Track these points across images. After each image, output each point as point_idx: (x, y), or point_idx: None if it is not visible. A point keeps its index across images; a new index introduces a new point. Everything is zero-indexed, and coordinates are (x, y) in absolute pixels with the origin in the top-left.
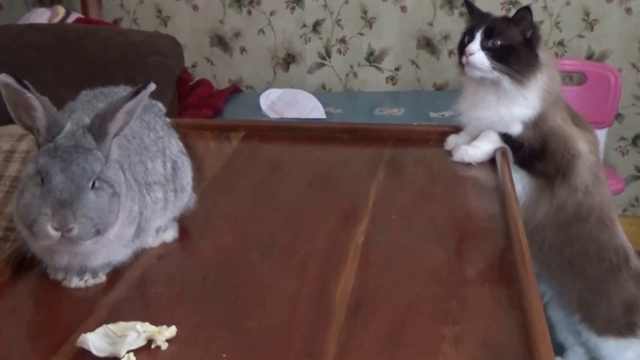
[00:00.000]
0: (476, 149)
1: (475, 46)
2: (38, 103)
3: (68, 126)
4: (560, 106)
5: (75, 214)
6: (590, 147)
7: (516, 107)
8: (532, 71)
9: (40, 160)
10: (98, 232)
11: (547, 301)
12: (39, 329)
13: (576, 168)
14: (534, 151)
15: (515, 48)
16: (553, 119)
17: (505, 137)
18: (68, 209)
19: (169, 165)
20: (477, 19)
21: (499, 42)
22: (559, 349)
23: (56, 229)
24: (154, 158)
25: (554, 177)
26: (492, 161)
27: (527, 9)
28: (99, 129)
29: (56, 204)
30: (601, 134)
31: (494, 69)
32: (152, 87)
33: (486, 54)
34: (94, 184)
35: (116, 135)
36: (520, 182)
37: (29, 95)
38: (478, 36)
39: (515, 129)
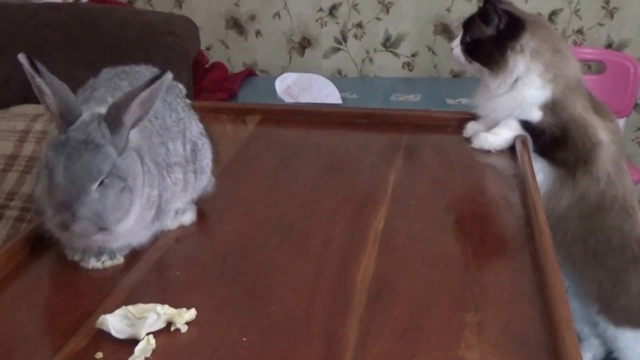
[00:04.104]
0: (496, 136)
1: (456, 42)
2: (47, 89)
3: (83, 117)
4: (581, 93)
5: (74, 214)
6: (611, 136)
7: (525, 90)
8: (503, 61)
9: (48, 154)
10: (101, 230)
11: None
12: (58, 310)
13: (598, 157)
14: (554, 139)
15: (481, 43)
16: (573, 107)
17: (526, 125)
18: (66, 212)
19: (188, 146)
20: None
21: (468, 39)
22: None
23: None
24: (175, 139)
25: (575, 166)
26: (511, 149)
27: (488, 3)
28: (114, 120)
29: (55, 204)
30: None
31: (469, 62)
32: (169, 76)
33: (462, 49)
34: (102, 181)
35: (133, 126)
36: (541, 172)
37: (38, 80)
38: (461, 31)
39: (535, 116)
